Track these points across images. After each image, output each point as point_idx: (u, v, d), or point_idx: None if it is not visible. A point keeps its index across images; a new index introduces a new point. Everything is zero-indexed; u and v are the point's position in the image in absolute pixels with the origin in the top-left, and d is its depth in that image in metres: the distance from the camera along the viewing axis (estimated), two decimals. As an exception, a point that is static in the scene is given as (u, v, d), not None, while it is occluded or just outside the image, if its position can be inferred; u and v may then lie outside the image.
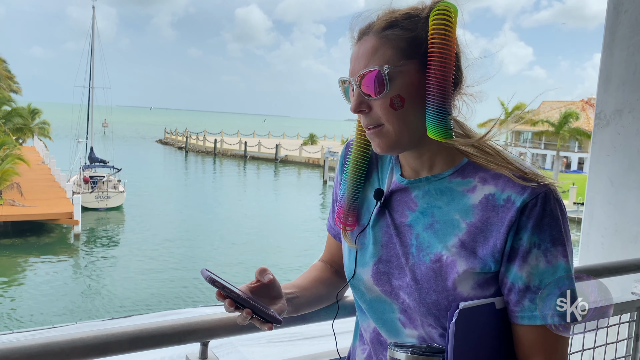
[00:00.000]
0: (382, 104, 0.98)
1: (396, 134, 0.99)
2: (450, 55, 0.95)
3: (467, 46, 1.02)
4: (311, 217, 30.89)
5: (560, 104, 48.84)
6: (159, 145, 74.81)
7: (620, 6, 2.51)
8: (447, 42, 0.95)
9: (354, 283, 1.12)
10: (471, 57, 1.02)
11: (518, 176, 0.96)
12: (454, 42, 0.96)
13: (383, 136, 1.00)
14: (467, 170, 1.02)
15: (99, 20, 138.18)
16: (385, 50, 0.97)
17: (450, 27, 0.95)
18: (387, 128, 0.99)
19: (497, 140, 1.04)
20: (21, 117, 35.51)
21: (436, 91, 0.96)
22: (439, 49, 0.95)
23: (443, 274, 0.98)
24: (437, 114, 0.96)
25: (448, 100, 0.97)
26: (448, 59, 0.95)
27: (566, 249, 0.96)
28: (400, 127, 0.99)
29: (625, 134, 2.50)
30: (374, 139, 1.02)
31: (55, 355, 1.04)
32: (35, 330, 3.74)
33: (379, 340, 1.11)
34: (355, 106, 1.01)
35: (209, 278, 0.92)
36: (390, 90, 0.97)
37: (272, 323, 0.97)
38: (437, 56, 0.95)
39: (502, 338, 1.00)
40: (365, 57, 0.98)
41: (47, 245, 22.35)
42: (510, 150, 1.05)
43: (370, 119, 1.01)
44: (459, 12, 0.97)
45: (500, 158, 1.00)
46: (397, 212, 1.08)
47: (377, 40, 0.98)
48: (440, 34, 0.95)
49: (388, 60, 0.97)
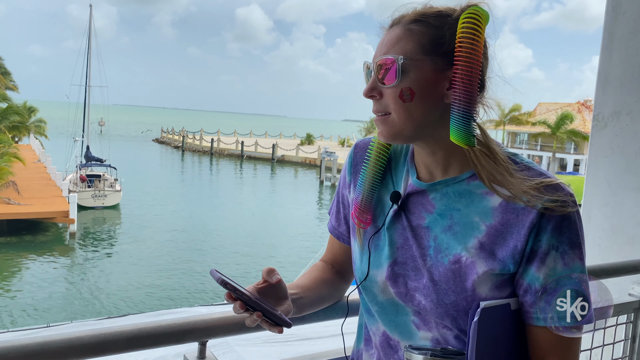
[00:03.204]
0: (392, 93, 0.99)
1: (400, 125, 1.00)
2: (477, 61, 0.95)
3: (494, 57, 1.02)
4: (308, 216, 30.88)
5: (557, 105, 49.03)
6: (156, 144, 74.69)
7: (619, 8, 2.52)
8: (475, 47, 0.95)
9: (366, 285, 1.11)
10: (496, 69, 1.02)
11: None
12: (482, 47, 0.96)
13: (388, 124, 1.01)
14: None
15: (99, 19, 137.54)
16: (406, 42, 0.98)
17: (479, 33, 0.95)
18: (392, 117, 1.00)
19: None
20: (17, 115, 35.36)
21: (462, 96, 0.95)
22: (466, 53, 0.94)
23: (462, 275, 0.98)
24: (462, 118, 0.96)
25: (473, 106, 0.97)
26: (475, 64, 0.95)
27: (582, 251, 0.98)
28: (405, 118, 0.99)
29: (623, 136, 2.50)
30: (379, 125, 1.03)
31: (53, 354, 1.03)
32: (31, 329, 3.72)
33: (389, 344, 1.10)
34: (367, 90, 1.02)
35: (220, 280, 0.91)
36: (402, 81, 0.98)
37: (282, 326, 0.96)
38: (464, 60, 0.95)
39: (516, 339, 1.01)
40: (388, 45, 1.00)
41: (42, 244, 22.28)
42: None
43: (380, 106, 1.02)
44: (490, 18, 0.97)
45: (508, 178, 0.98)
46: (414, 214, 1.07)
47: (402, 31, 1.00)
48: (468, 38, 0.94)
49: (406, 52, 0.97)
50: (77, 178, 30.70)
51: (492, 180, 0.99)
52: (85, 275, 18.94)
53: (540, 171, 1.00)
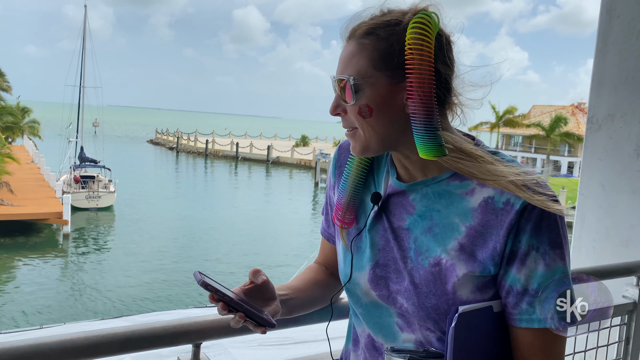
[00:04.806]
0: (352, 110, 1.01)
1: (367, 139, 1.02)
2: (428, 71, 0.94)
3: (461, 53, 1.01)
4: (302, 218, 30.88)
5: (551, 108, 49.24)
6: (150, 145, 74.48)
7: (613, 11, 2.53)
8: (425, 57, 0.93)
9: (350, 287, 1.11)
10: (464, 67, 1.01)
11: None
12: (432, 55, 0.94)
13: (356, 139, 1.04)
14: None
15: (96, 20, 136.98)
16: (359, 59, 0.99)
17: (428, 41, 0.93)
18: (359, 133, 1.02)
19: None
20: (11, 116, 35.19)
21: (420, 109, 0.95)
22: (417, 65, 0.93)
23: (442, 278, 0.97)
24: (425, 131, 0.95)
25: (433, 116, 0.96)
26: (427, 75, 0.94)
27: (564, 252, 0.96)
28: (369, 133, 1.01)
29: (617, 138, 2.51)
30: (350, 140, 1.06)
31: (44, 356, 1.02)
32: (23, 331, 3.69)
33: (374, 346, 1.10)
34: (332, 109, 1.05)
35: (201, 282, 0.91)
36: (358, 100, 0.99)
37: (265, 327, 0.96)
38: (415, 73, 0.94)
39: (499, 341, 1.00)
40: (344, 62, 1.01)
41: (35, 245, 22.16)
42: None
43: (346, 122, 1.04)
44: (441, 21, 0.96)
45: (491, 169, 0.96)
46: (395, 215, 1.07)
47: (355, 46, 1.00)
48: (416, 49, 0.93)
49: (359, 71, 0.98)
50: (71, 179, 30.60)
51: (475, 177, 0.97)
52: (79, 277, 18.86)
53: (522, 168, 0.98)
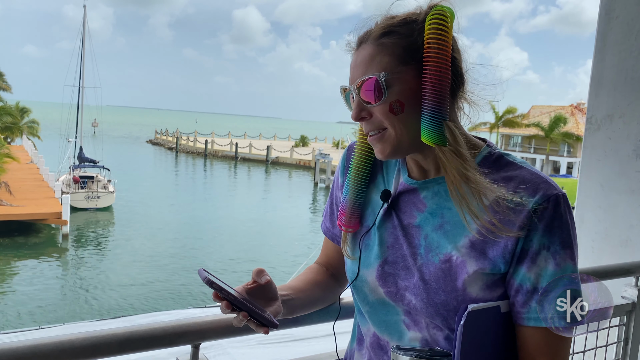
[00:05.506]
0: (382, 110, 0.99)
1: (397, 138, 1.00)
2: (445, 60, 0.96)
3: (466, 51, 1.02)
4: (302, 218, 30.87)
5: (550, 108, 49.24)
6: (149, 145, 74.45)
7: (612, 12, 2.53)
8: (442, 47, 0.95)
9: (357, 285, 1.11)
10: (469, 63, 1.02)
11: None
12: (450, 46, 0.96)
13: (385, 141, 1.01)
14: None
15: (96, 20, 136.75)
16: (382, 58, 0.98)
17: (446, 32, 0.95)
18: (389, 132, 1.00)
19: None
20: (10, 116, 35.17)
21: (431, 96, 0.96)
22: (434, 54, 0.95)
23: (453, 274, 0.98)
24: (432, 119, 0.96)
25: (444, 106, 0.97)
26: (443, 64, 0.95)
27: (574, 252, 0.97)
28: (401, 130, 0.99)
29: (616, 139, 2.52)
30: (376, 144, 1.03)
31: (43, 357, 1.02)
32: (22, 331, 3.69)
33: (379, 345, 1.10)
34: (355, 114, 1.02)
35: (206, 279, 0.91)
36: (389, 96, 0.98)
37: (268, 327, 0.96)
38: (432, 61, 0.95)
39: (505, 342, 1.00)
40: (363, 65, 1.00)
41: (35, 246, 22.14)
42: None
43: (372, 125, 1.02)
44: (455, 15, 0.97)
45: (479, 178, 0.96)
46: (405, 213, 1.07)
47: (374, 47, 0.99)
48: (435, 39, 0.95)
49: (385, 67, 0.98)
50: (70, 179, 30.57)
51: (462, 176, 0.97)
52: (78, 277, 18.84)
53: (533, 171, 1.00)
